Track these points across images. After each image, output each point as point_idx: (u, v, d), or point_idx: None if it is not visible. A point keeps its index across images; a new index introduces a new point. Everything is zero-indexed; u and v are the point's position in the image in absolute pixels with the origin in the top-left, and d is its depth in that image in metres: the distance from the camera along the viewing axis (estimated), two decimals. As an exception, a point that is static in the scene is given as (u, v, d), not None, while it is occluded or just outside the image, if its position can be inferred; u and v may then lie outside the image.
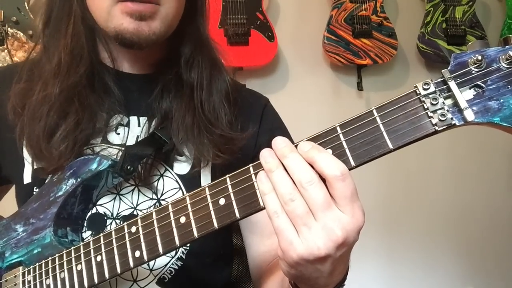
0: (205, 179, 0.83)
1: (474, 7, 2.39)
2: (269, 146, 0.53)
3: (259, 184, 0.52)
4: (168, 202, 0.59)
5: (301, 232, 0.49)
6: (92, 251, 0.65)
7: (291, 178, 0.50)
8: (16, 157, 0.81)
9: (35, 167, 0.79)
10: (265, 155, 0.52)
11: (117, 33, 0.73)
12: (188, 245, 0.80)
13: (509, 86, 0.45)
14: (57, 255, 0.69)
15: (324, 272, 0.51)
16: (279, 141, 0.52)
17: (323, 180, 0.49)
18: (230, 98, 0.85)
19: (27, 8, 1.96)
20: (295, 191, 0.49)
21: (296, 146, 0.52)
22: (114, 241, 0.63)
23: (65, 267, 0.67)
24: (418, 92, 0.48)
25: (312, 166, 0.50)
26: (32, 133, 0.75)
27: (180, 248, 0.79)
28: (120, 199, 0.79)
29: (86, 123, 0.77)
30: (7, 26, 1.95)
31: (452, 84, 0.46)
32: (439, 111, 0.46)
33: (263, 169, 0.52)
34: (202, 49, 0.86)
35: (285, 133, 0.93)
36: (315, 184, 0.48)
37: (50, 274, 0.69)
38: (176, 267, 0.79)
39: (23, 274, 0.73)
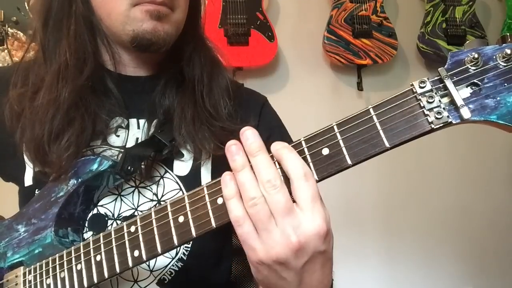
0: (206, 174, 0.83)
1: (474, 7, 2.39)
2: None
3: (223, 188, 0.53)
4: (167, 201, 0.59)
5: (262, 237, 0.50)
6: (91, 250, 0.65)
7: (256, 178, 0.51)
8: (17, 160, 0.81)
9: (36, 169, 0.79)
10: (232, 150, 0.52)
11: (136, 34, 0.75)
12: (189, 246, 0.80)
13: (505, 84, 0.45)
14: (57, 255, 0.69)
15: (291, 282, 0.52)
16: (247, 135, 0.52)
17: (288, 182, 0.50)
18: (230, 93, 0.87)
19: (27, 8, 1.97)
20: (260, 194, 0.50)
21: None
22: (113, 240, 0.63)
23: (65, 267, 0.67)
24: (414, 91, 0.48)
25: (279, 164, 0.51)
26: (34, 137, 0.74)
27: (181, 250, 0.79)
28: (121, 200, 0.79)
29: (89, 128, 0.77)
30: (7, 26, 1.95)
31: (449, 82, 0.46)
32: (435, 109, 0.46)
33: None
34: (202, 48, 0.88)
35: (283, 131, 0.94)
36: (279, 188, 0.49)
37: (51, 274, 0.69)
38: (177, 268, 0.79)
39: (24, 274, 0.73)
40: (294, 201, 0.50)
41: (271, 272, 0.51)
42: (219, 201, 0.55)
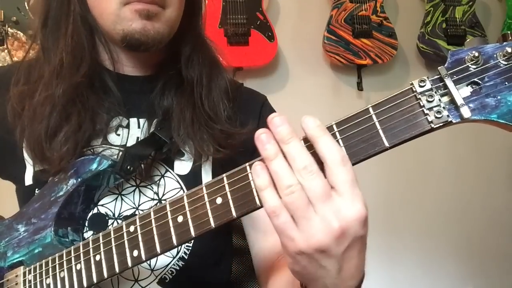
0: (206, 176, 0.83)
1: (474, 7, 2.39)
2: None
3: (255, 178, 0.51)
4: (167, 201, 0.59)
5: (301, 225, 0.48)
6: (91, 250, 0.65)
7: (290, 166, 0.49)
8: (17, 159, 0.81)
9: (36, 169, 0.79)
10: (262, 138, 0.50)
11: (125, 34, 0.74)
12: (190, 245, 0.80)
13: (506, 83, 0.45)
14: (57, 254, 0.69)
15: (330, 270, 0.50)
16: (276, 122, 0.50)
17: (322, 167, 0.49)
18: (229, 95, 0.86)
19: (27, 8, 1.97)
20: (295, 182, 0.48)
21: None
22: (112, 240, 0.63)
23: (65, 267, 0.67)
24: (414, 90, 0.48)
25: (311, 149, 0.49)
26: (33, 134, 0.75)
27: (182, 249, 0.79)
28: (122, 199, 0.79)
29: (87, 124, 0.77)
30: (7, 26, 1.95)
31: (449, 81, 0.46)
32: (435, 108, 0.46)
33: (259, 161, 0.51)
34: (201, 48, 0.87)
35: None
36: (316, 174, 0.48)
37: (50, 274, 0.69)
38: (177, 268, 0.79)
39: (24, 273, 0.73)
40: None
41: (310, 262, 0.49)
42: (218, 201, 0.55)
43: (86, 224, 0.77)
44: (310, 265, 0.50)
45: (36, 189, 0.80)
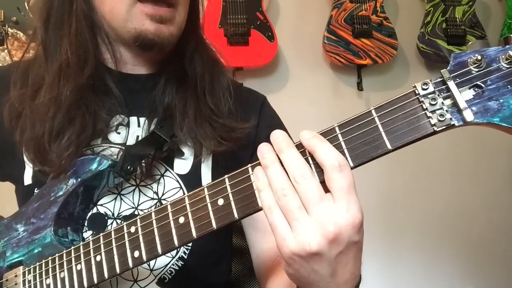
0: (206, 176, 0.83)
1: (474, 7, 2.39)
2: (268, 141, 0.53)
3: (255, 181, 0.52)
4: (168, 202, 0.59)
5: (294, 227, 0.49)
6: (91, 251, 0.65)
7: (287, 173, 0.50)
8: (16, 159, 0.81)
9: (35, 169, 0.79)
10: (262, 150, 0.53)
11: (138, 34, 0.74)
12: (190, 245, 0.80)
13: (509, 86, 0.44)
14: (57, 254, 0.69)
15: (323, 275, 0.50)
16: (277, 135, 0.53)
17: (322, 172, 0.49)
18: (231, 92, 0.87)
19: (27, 8, 1.97)
20: (288, 185, 0.49)
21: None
22: (113, 241, 0.63)
23: (65, 267, 0.67)
24: (417, 92, 0.48)
25: (312, 156, 0.50)
26: (34, 136, 0.75)
27: (181, 248, 0.79)
28: (121, 199, 0.79)
29: (90, 127, 0.76)
30: (7, 26, 1.95)
31: (451, 84, 0.46)
32: (438, 111, 0.46)
33: (260, 165, 0.52)
34: (203, 47, 0.88)
35: (283, 130, 0.94)
36: (309, 178, 0.49)
37: (50, 274, 0.69)
38: (177, 268, 0.79)
39: (24, 273, 0.73)
40: (328, 192, 0.49)
41: (303, 265, 0.50)
42: (220, 202, 0.55)
43: (86, 224, 0.77)
44: (302, 268, 0.50)
45: (36, 189, 0.79)
